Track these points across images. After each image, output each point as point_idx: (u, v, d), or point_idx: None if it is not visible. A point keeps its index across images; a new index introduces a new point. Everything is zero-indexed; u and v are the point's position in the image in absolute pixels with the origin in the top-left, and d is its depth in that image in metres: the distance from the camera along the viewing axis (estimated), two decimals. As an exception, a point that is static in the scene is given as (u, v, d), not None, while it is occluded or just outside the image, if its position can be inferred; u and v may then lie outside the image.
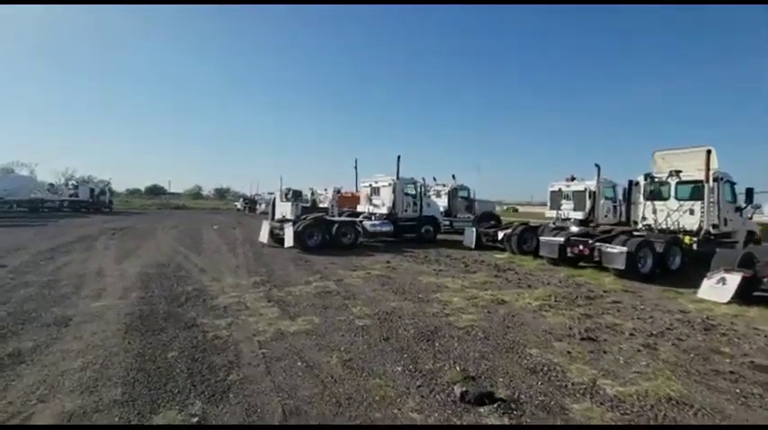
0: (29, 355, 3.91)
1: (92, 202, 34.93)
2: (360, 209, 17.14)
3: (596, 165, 13.85)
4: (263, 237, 13.87)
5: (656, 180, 11.37)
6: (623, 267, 8.40)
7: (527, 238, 12.35)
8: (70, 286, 6.89)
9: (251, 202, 45.27)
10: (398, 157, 15.44)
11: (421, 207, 16.00)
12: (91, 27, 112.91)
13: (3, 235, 15.11)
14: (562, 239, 9.99)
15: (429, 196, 23.34)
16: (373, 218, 15.57)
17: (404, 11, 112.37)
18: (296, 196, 26.75)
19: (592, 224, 13.49)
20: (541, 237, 10.70)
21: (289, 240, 12.10)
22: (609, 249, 8.72)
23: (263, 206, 39.77)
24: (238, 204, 49.26)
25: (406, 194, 15.67)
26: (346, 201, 23.86)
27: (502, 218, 24.08)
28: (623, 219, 14.88)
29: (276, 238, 13.43)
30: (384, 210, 15.49)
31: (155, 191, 79.42)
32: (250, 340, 4.47)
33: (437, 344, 4.48)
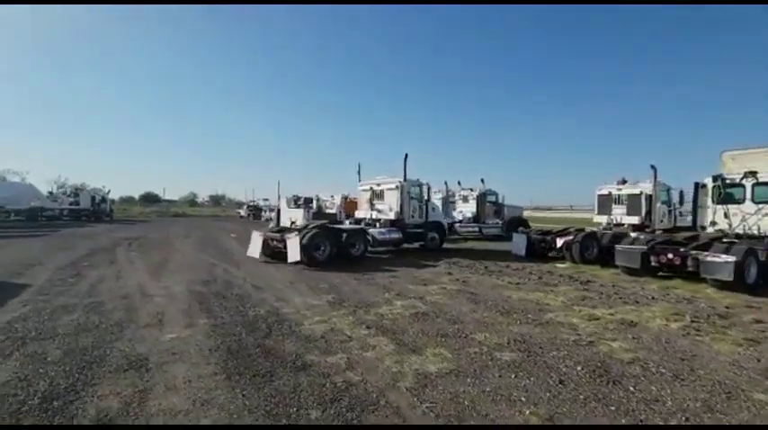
0: (124, 421, 2.88)
1: (92, 211, 33.47)
2: (359, 214, 15.10)
3: (652, 167, 13.14)
4: (254, 251, 11.46)
5: (728, 182, 10.61)
6: (731, 278, 7.53)
7: (588, 246, 11.49)
8: (119, 311, 5.82)
9: (255, 209, 44.01)
10: (405, 156, 13.53)
11: (426, 212, 14.39)
12: (85, 27, 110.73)
13: (9, 247, 13.87)
14: (645, 247, 9.13)
15: (454, 201, 22.63)
16: (378, 224, 13.66)
17: (404, 11, 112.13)
18: (307, 203, 25.77)
19: (648, 229, 12.73)
20: (618, 245, 9.82)
21: (294, 253, 10.04)
22: (711, 258, 7.86)
23: (268, 213, 38.57)
24: (241, 211, 47.90)
25: (412, 198, 13.87)
26: (353, 207, 22.75)
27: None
28: (678, 223, 14.21)
29: (273, 252, 11.31)
30: (391, 216, 13.57)
31: (149, 198, 76.93)
32: (395, 388, 3.47)
33: (631, 388, 3.52)
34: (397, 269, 10.13)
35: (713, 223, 10.75)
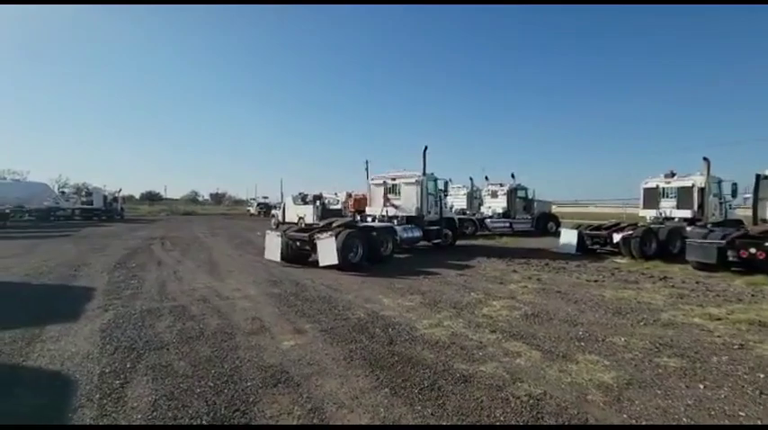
0: (323, 448, 2.51)
1: (105, 210, 32.99)
2: (371, 211, 14.08)
3: (705, 159, 12.78)
4: (273, 253, 10.12)
5: (792, 173, 10.29)
6: (828, 274, 7.22)
7: (647, 241, 11.17)
8: (210, 316, 5.45)
9: (266, 207, 43.53)
10: (425, 149, 12.83)
11: (441, 208, 13.74)
12: (85, 27, 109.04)
13: (40, 247, 13.44)
14: (723, 242, 8.78)
15: (479, 197, 22.28)
16: (395, 221, 12.86)
17: (405, 10, 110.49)
18: (315, 199, 25.29)
19: (700, 223, 12.38)
20: (689, 240, 9.48)
21: (330, 256, 9.01)
22: (805, 253, 7.53)
23: (276, 210, 37.92)
24: (252, 209, 47.45)
25: (429, 193, 13.07)
26: (360, 203, 22.09)
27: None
28: (729, 217, 13.88)
29: (294, 254, 10.10)
30: (412, 212, 12.78)
31: (151, 197, 75.95)
32: (588, 402, 3.12)
33: None
34: (440, 270, 9.30)
35: (775, 216, 10.43)
